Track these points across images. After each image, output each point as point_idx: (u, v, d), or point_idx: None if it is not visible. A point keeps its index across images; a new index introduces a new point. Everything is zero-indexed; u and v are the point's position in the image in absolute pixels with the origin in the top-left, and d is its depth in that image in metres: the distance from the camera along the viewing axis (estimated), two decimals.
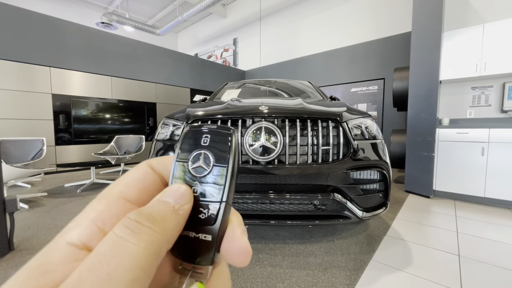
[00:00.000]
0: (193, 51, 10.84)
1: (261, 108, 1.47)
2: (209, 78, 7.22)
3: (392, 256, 1.60)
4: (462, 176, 2.71)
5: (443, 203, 2.70)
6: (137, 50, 5.63)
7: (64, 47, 4.53)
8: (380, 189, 1.59)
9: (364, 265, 1.49)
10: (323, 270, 1.44)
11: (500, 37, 2.65)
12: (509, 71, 2.62)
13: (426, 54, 2.79)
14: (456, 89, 3.21)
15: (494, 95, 2.96)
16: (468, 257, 1.59)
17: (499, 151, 2.49)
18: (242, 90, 3.17)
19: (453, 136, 2.73)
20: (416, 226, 2.08)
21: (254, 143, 1.37)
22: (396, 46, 4.98)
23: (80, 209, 2.42)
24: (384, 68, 5.24)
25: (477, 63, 2.78)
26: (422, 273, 1.41)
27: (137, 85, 5.61)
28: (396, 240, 1.82)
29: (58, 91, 4.45)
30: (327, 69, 6.17)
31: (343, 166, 1.43)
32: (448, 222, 2.17)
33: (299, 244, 1.75)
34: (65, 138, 4.59)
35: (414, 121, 2.95)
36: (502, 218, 2.26)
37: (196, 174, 0.18)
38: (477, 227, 2.06)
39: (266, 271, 1.44)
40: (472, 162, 2.64)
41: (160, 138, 1.66)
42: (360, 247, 1.71)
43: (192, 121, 1.52)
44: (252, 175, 1.43)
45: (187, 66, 6.66)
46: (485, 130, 2.55)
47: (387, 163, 1.56)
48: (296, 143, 1.41)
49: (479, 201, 2.67)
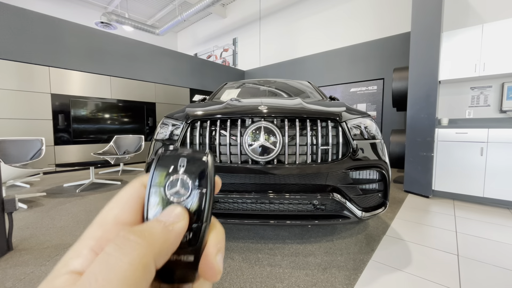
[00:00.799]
0: (193, 51, 10.84)
1: (260, 108, 1.47)
2: (209, 78, 7.22)
3: (391, 256, 1.60)
4: (461, 176, 2.71)
5: (442, 203, 2.71)
6: (137, 50, 5.63)
7: (63, 46, 4.52)
8: (379, 189, 1.59)
9: (363, 265, 1.49)
10: (322, 270, 1.44)
11: (499, 37, 2.65)
12: (508, 71, 2.63)
13: (425, 54, 2.79)
14: (455, 89, 3.21)
15: (493, 95, 2.96)
16: (467, 257, 1.60)
17: (498, 151, 2.50)
18: (242, 90, 3.17)
19: (452, 136, 2.73)
20: (415, 226, 2.08)
21: (254, 143, 1.37)
22: (396, 46, 4.99)
23: (79, 209, 2.40)
24: (383, 68, 5.24)
25: (476, 63, 2.78)
26: (421, 273, 1.41)
27: (137, 85, 5.60)
28: (395, 240, 1.82)
29: (57, 91, 4.44)
30: (326, 69, 6.18)
31: (342, 166, 1.43)
32: (447, 222, 2.17)
33: (299, 244, 1.75)
34: (64, 138, 4.58)
35: (413, 121, 2.95)
36: (501, 218, 2.26)
37: (175, 198, 0.18)
38: (476, 227, 2.07)
39: (265, 271, 1.43)
40: (471, 162, 2.65)
41: (159, 138, 1.66)
42: (359, 247, 1.71)
43: (192, 121, 1.51)
44: (251, 174, 1.43)
45: (187, 66, 6.66)
46: (484, 130, 2.55)
47: (386, 163, 1.56)
48: (296, 143, 1.41)
49: (478, 201, 2.67)
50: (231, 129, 1.46)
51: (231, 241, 1.79)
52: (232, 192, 1.45)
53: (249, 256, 1.59)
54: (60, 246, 1.72)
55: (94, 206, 2.61)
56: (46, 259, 1.55)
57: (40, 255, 1.60)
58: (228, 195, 1.42)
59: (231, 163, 1.43)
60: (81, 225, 2.09)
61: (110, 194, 3.10)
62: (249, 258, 1.56)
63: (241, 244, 1.75)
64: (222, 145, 1.46)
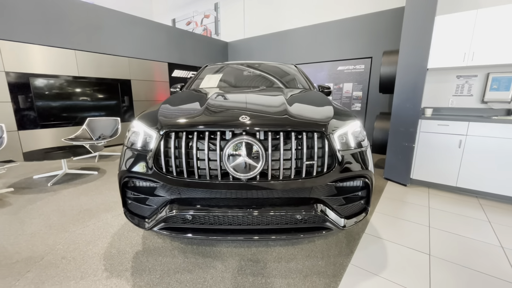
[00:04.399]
0: (170, 16, 9.80)
1: (242, 119, 1.33)
2: (189, 51, 6.66)
3: (369, 258, 1.66)
4: (438, 166, 2.81)
5: (419, 192, 2.84)
6: (105, 18, 4.95)
7: (14, 16, 3.86)
8: (362, 196, 1.59)
9: (343, 270, 1.54)
10: (303, 278, 1.48)
11: (492, 25, 2.55)
12: (496, 62, 2.58)
13: (417, 41, 2.66)
14: (441, 77, 3.16)
15: (477, 85, 2.96)
16: (438, 256, 1.70)
17: (475, 144, 2.57)
18: (224, 75, 2.93)
19: (434, 128, 2.76)
20: (392, 221, 2.17)
21: (234, 160, 1.27)
22: (387, 22, 4.75)
23: (52, 208, 2.27)
24: (372, 47, 5.05)
25: (466, 52, 2.70)
26: (396, 278, 1.48)
27: (108, 60, 5.05)
28: (374, 239, 1.89)
29: (13, 68, 3.90)
30: (313, 45, 5.87)
31: (328, 179, 1.39)
32: (422, 215, 2.28)
33: (281, 247, 1.77)
34: (28, 122, 4.17)
35: (398, 110, 2.92)
36: (471, 209, 2.42)
37: None
38: (448, 220, 2.19)
39: (247, 281, 1.45)
40: (449, 153, 2.73)
41: (131, 146, 1.50)
42: (339, 248, 1.76)
43: (165, 132, 1.36)
44: (232, 190, 1.35)
45: (164, 37, 6.04)
46: (465, 124, 2.59)
47: (371, 171, 1.54)
48: (279, 157, 1.32)
49: (451, 190, 2.82)
50: (209, 140, 1.34)
51: (214, 246, 1.78)
52: (212, 208, 1.38)
53: (231, 264, 1.60)
54: (31, 260, 1.62)
55: (69, 204, 2.47)
56: (15, 278, 1.46)
57: (9, 273, 1.50)
58: (209, 212, 1.36)
59: (210, 179, 1.33)
60: (54, 231, 1.97)
61: (86, 187, 2.94)
62: (231, 267, 1.56)
63: (224, 250, 1.74)
64: (200, 159, 1.34)
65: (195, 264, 1.59)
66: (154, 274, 1.49)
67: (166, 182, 1.37)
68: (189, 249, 1.75)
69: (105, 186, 2.99)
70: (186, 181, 1.34)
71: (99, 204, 2.47)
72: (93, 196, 2.69)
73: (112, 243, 1.81)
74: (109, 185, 3.02)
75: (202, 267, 1.56)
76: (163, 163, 1.36)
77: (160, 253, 1.70)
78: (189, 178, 1.35)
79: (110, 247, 1.76)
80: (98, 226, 2.05)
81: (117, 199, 2.60)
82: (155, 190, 1.45)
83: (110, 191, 2.83)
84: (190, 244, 1.80)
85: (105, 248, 1.75)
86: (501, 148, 2.44)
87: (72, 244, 1.80)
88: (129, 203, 1.56)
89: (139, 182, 1.51)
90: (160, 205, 1.45)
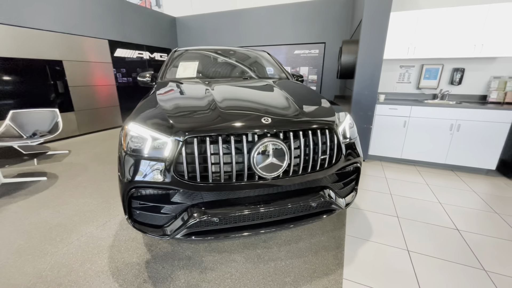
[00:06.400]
0: None
1: (265, 122, 1.37)
2: (131, 26, 5.79)
3: (358, 227, 2.01)
4: (389, 143, 3.42)
5: (374, 165, 3.42)
6: None
7: None
8: (353, 179, 1.87)
9: (343, 241, 1.83)
10: (314, 253, 1.71)
11: (428, 25, 3.10)
12: (429, 56, 3.20)
13: (375, 36, 3.02)
14: (389, 66, 3.72)
15: (414, 74, 3.61)
16: (403, 217, 2.17)
17: (414, 123, 3.21)
18: (200, 63, 2.76)
19: (386, 111, 3.30)
20: (364, 193, 2.60)
21: (262, 160, 1.32)
22: (337, 10, 5.10)
23: (9, 230, 2.05)
24: (325, 32, 5.40)
25: (409, 46, 3.23)
26: (382, 239, 1.86)
27: (30, 35, 3.99)
28: (356, 211, 2.26)
29: None
30: (271, 27, 5.89)
31: (335, 168, 1.58)
32: (383, 185, 2.80)
33: (287, 231, 1.95)
34: None
35: (359, 96, 3.34)
36: (413, 175, 3.08)
37: None
38: (402, 187, 2.76)
39: (270, 267, 1.59)
40: (396, 132, 3.33)
41: (132, 152, 1.37)
42: (333, 224, 2.05)
43: (187, 138, 1.28)
44: (256, 189, 1.41)
45: (101, 9, 5.06)
46: (408, 108, 3.18)
47: (361, 157, 1.80)
48: (299, 154, 1.43)
49: (398, 161, 3.50)
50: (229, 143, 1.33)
51: (228, 240, 1.83)
52: (239, 207, 1.42)
53: (249, 254, 1.70)
54: None
55: (28, 221, 2.07)
56: None
57: None
58: (237, 212, 1.39)
59: (237, 181, 1.36)
60: (27, 256, 1.66)
61: (40, 198, 2.47)
62: (250, 257, 1.67)
63: (237, 242, 1.82)
64: (226, 163, 1.34)
65: (215, 261, 1.63)
66: (178, 280, 1.48)
67: (189, 188, 1.33)
68: (201, 247, 1.76)
69: (66, 193, 2.57)
70: (211, 186, 1.33)
71: (71, 216, 2.15)
72: (56, 207, 2.30)
73: (113, 257, 1.67)
74: (71, 191, 2.61)
75: (223, 263, 1.62)
76: (185, 170, 1.30)
77: (174, 257, 1.66)
78: (213, 183, 1.34)
79: (113, 261, 1.62)
80: (85, 242, 1.82)
81: (91, 207, 2.30)
82: (173, 197, 1.38)
83: (76, 198, 2.46)
84: (200, 243, 1.81)
85: (107, 264, 1.60)
86: (430, 125, 3.13)
87: (62, 267, 1.57)
88: (138, 213, 1.46)
89: (149, 190, 1.41)
90: (179, 212, 1.40)
